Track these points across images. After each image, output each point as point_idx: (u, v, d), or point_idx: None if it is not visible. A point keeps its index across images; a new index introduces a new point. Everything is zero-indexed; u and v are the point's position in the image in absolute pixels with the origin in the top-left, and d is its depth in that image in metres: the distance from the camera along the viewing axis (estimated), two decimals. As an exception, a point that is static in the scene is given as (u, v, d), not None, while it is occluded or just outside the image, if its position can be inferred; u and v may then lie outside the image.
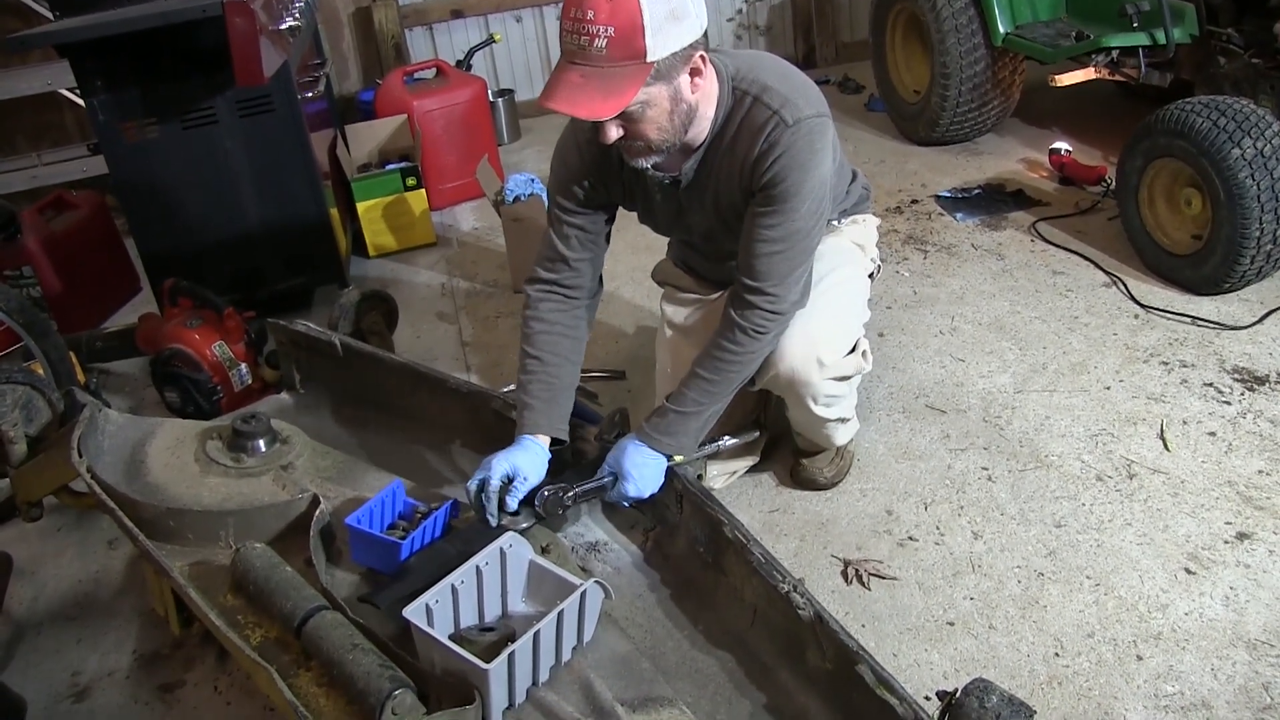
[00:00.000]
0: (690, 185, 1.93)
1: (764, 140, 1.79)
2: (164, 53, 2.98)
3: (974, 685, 1.35)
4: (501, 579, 1.68)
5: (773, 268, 1.85)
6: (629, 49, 1.61)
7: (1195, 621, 1.88)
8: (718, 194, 1.93)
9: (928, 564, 2.09)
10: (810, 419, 2.17)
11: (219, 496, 1.94)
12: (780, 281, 1.86)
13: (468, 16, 5.19)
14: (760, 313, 1.88)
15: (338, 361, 2.30)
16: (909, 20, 4.27)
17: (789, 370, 2.02)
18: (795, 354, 2.01)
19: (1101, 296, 2.98)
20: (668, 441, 1.88)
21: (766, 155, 1.79)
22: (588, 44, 1.61)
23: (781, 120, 1.78)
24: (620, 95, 1.64)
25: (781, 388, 2.09)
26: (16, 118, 4.56)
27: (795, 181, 1.80)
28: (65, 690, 2.03)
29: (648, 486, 1.86)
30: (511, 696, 1.51)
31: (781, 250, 1.84)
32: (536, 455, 1.87)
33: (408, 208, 3.91)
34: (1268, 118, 2.68)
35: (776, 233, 1.83)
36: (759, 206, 1.84)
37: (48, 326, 2.70)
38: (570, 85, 1.64)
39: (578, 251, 2.02)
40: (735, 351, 1.89)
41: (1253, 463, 2.25)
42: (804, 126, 1.79)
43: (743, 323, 1.88)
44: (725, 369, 1.90)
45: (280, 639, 1.65)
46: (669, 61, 1.66)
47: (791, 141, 1.78)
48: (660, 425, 1.90)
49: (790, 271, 1.86)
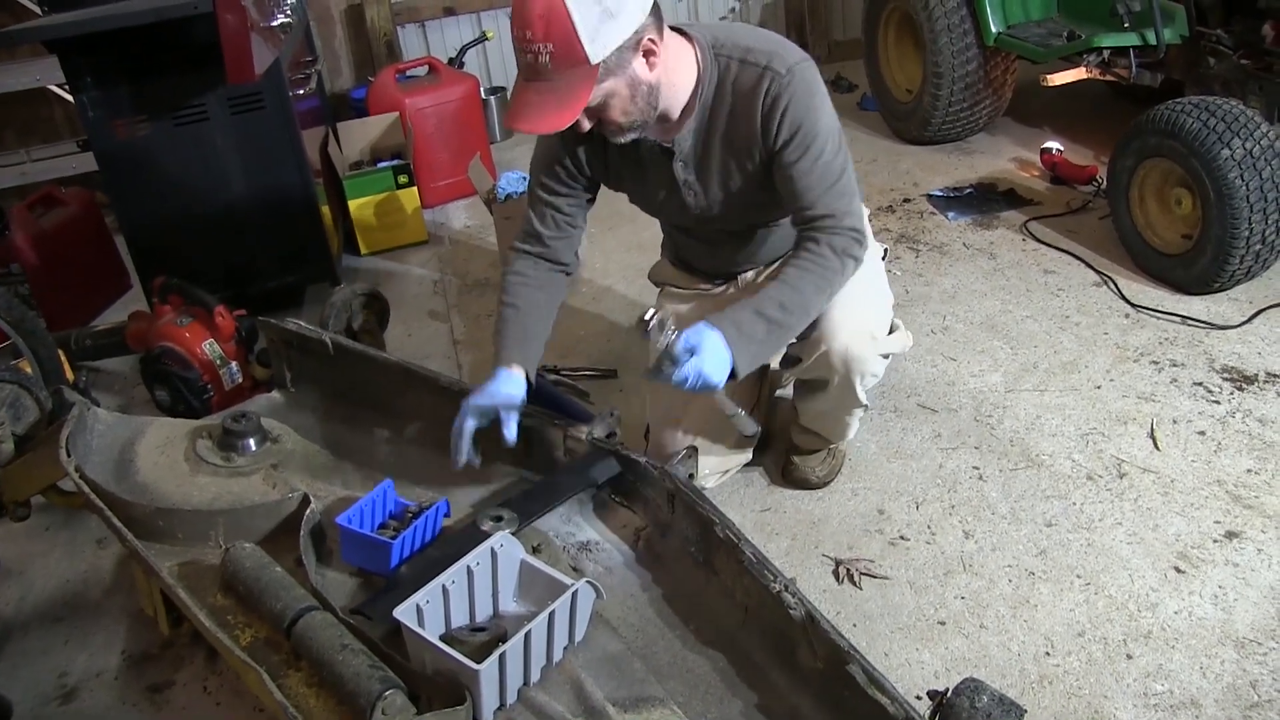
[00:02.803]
0: (690, 158, 1.97)
1: (765, 98, 1.84)
2: (154, 49, 2.97)
3: (965, 685, 1.35)
4: (492, 579, 1.67)
5: (824, 195, 1.88)
6: (571, 58, 1.66)
7: (1185, 620, 1.89)
8: (726, 167, 1.96)
9: (919, 563, 2.10)
10: (842, 404, 2.16)
11: (209, 496, 1.93)
12: (837, 199, 1.89)
13: (460, 14, 5.18)
14: (840, 234, 1.88)
15: (329, 360, 2.30)
16: (902, 19, 4.27)
17: (843, 347, 2.02)
18: (848, 330, 2.02)
19: (1092, 296, 2.99)
20: (741, 344, 1.81)
21: (773, 111, 1.84)
22: (534, 60, 1.67)
23: (774, 73, 1.84)
24: (573, 103, 1.70)
25: (833, 367, 2.06)
26: (5, 113, 4.54)
27: (810, 122, 1.85)
28: (53, 691, 2.02)
29: (716, 374, 1.77)
30: (502, 697, 1.51)
31: (824, 179, 1.88)
32: (515, 383, 1.94)
33: (399, 205, 3.91)
34: (1257, 118, 2.69)
35: (814, 170, 1.87)
36: (786, 158, 1.87)
37: (36, 324, 2.68)
38: (527, 104, 1.71)
39: (553, 230, 2.08)
40: (822, 264, 1.87)
41: (1242, 462, 2.26)
42: (797, 71, 1.85)
43: (827, 239, 1.87)
44: (811, 280, 1.86)
45: (270, 639, 1.64)
46: (615, 56, 1.70)
47: (791, 88, 1.83)
48: (738, 321, 1.83)
49: (842, 191, 1.89)
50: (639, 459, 1.89)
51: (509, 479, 2.03)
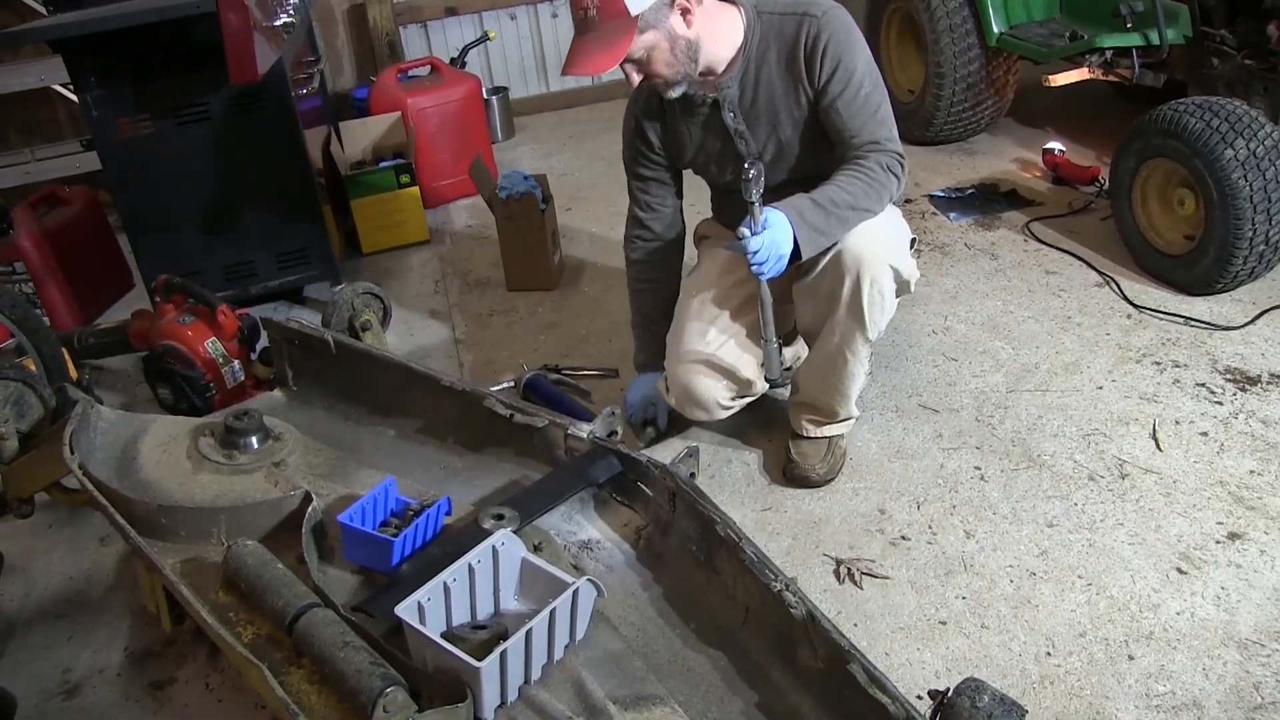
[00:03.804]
0: (737, 107, 2.18)
1: (806, 40, 2.08)
2: (158, 49, 2.98)
3: (966, 684, 1.35)
4: (494, 577, 1.67)
5: (867, 123, 2.10)
6: (613, 10, 1.97)
7: (1187, 621, 1.89)
8: (774, 113, 2.17)
9: (920, 563, 2.10)
10: (848, 331, 2.17)
11: (211, 493, 1.93)
12: (879, 127, 2.11)
13: (462, 14, 5.19)
14: (886, 154, 2.08)
15: (330, 359, 2.30)
16: (904, 19, 4.27)
17: (856, 245, 2.09)
18: (863, 234, 2.09)
19: (1094, 296, 2.99)
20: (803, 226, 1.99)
21: (815, 49, 2.08)
22: (584, 16, 2.00)
23: (811, 16, 2.09)
24: (615, 49, 1.99)
25: (844, 267, 2.10)
26: (9, 113, 4.55)
27: (850, 56, 2.08)
28: (56, 687, 2.02)
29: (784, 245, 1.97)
30: (503, 694, 1.51)
31: (865, 110, 2.10)
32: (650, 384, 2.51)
33: (401, 205, 3.91)
34: (1260, 119, 2.68)
35: (857, 101, 2.09)
36: (830, 93, 2.10)
37: (40, 322, 2.69)
38: (578, 52, 2.02)
39: (651, 214, 2.44)
40: (871, 173, 2.05)
41: (1244, 463, 2.26)
42: (833, 12, 2.10)
43: (875, 157, 2.07)
44: (861, 185, 2.04)
45: (272, 636, 1.64)
46: (653, 11, 1.99)
47: (830, 26, 2.07)
48: (799, 207, 2.00)
49: (883, 120, 2.12)
50: (640, 458, 1.89)
51: (510, 477, 2.04)
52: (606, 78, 5.42)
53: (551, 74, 5.48)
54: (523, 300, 3.42)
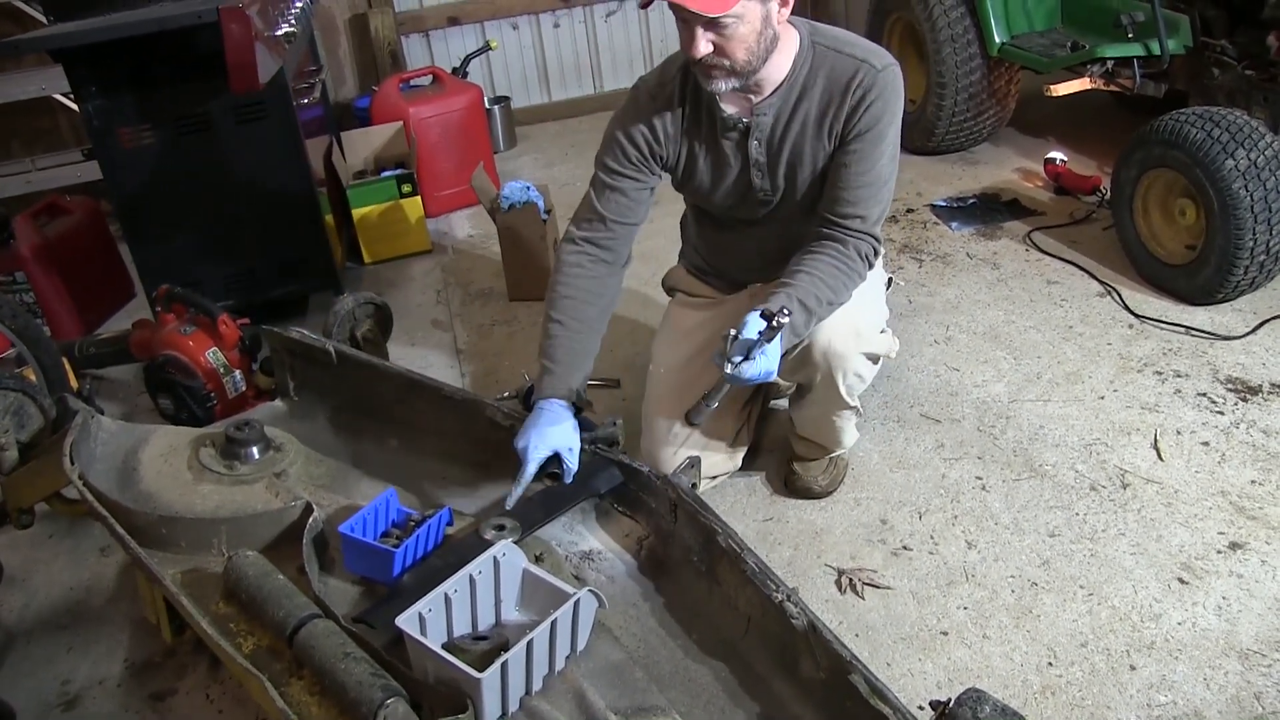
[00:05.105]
0: (765, 138, 2.05)
1: (857, 85, 1.97)
2: (159, 58, 2.98)
3: (967, 695, 1.34)
4: (495, 588, 1.67)
5: (864, 195, 2.00)
6: None
7: (1188, 631, 1.88)
8: (798, 153, 2.05)
9: (922, 573, 2.09)
10: (829, 405, 2.19)
11: (212, 504, 1.93)
12: (873, 205, 2.02)
13: (464, 24, 5.20)
14: (865, 240, 2.01)
15: (332, 369, 2.30)
16: (905, 30, 4.28)
17: (826, 341, 2.06)
18: (834, 328, 2.06)
19: (1096, 306, 2.99)
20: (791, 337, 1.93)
21: (863, 100, 1.97)
22: None
23: (871, 66, 1.98)
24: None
25: (815, 363, 2.10)
26: (10, 122, 4.55)
27: (886, 122, 2.00)
28: (55, 699, 2.02)
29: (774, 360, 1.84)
30: (505, 705, 1.51)
31: (873, 180, 2.01)
32: (564, 419, 1.92)
33: (403, 215, 3.91)
34: (1261, 129, 2.69)
35: (871, 168, 2.00)
36: (852, 147, 2.00)
37: (40, 332, 2.69)
38: None
39: (614, 214, 2.09)
40: (849, 262, 1.99)
41: (1246, 473, 2.26)
42: (890, 72, 2.00)
43: (854, 243, 2.00)
44: (841, 276, 1.98)
45: (272, 647, 1.64)
46: None
47: (884, 83, 1.98)
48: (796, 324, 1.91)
49: (880, 199, 2.03)
50: (641, 468, 1.89)
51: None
52: (609, 87, 5.45)
53: (553, 84, 5.50)
54: (524, 310, 3.42)
